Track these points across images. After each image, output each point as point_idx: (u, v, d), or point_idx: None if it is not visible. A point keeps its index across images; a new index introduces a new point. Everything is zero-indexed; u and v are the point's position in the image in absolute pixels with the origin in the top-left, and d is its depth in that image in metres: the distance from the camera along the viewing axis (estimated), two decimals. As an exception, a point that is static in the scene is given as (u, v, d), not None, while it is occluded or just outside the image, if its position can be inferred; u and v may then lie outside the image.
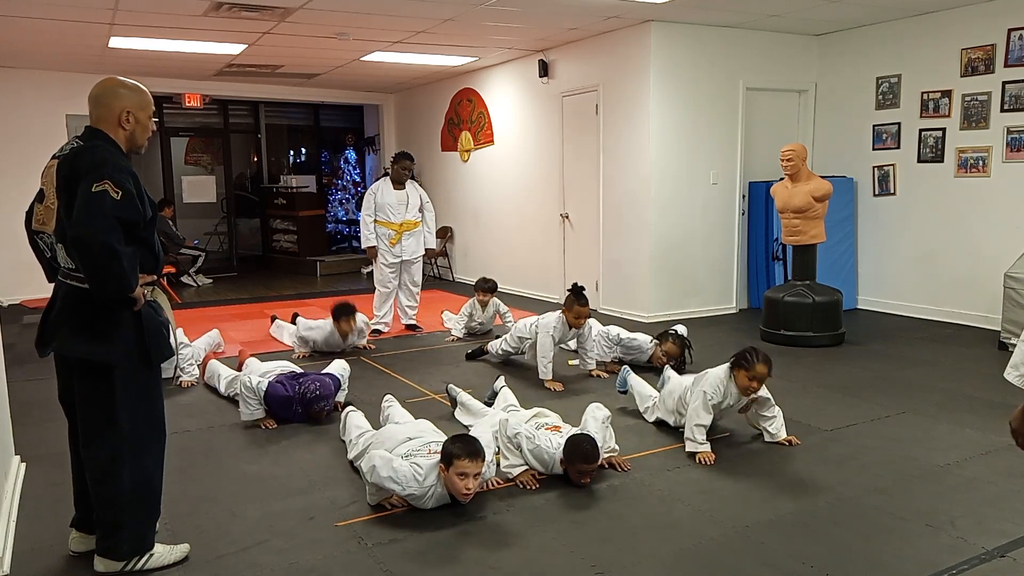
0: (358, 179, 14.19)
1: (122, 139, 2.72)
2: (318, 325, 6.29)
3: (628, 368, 4.93)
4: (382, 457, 3.35)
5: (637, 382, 4.77)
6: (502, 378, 4.82)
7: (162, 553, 2.90)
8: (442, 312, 7.51)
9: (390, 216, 7.00)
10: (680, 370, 5.21)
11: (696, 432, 3.96)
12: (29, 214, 2.87)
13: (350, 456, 3.92)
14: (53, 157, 2.72)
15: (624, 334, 5.80)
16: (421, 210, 7.15)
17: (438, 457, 3.31)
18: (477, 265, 10.56)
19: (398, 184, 7.08)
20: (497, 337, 6.14)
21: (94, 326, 2.66)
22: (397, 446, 3.53)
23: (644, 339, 5.76)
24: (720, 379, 4.00)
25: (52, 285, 2.82)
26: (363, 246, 7.16)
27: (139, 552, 2.85)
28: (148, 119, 2.78)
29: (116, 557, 2.82)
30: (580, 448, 3.57)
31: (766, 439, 4.17)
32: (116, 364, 2.69)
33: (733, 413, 4.22)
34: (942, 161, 7.17)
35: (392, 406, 4.30)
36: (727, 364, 4.03)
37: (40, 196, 2.70)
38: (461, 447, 3.26)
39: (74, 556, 2.99)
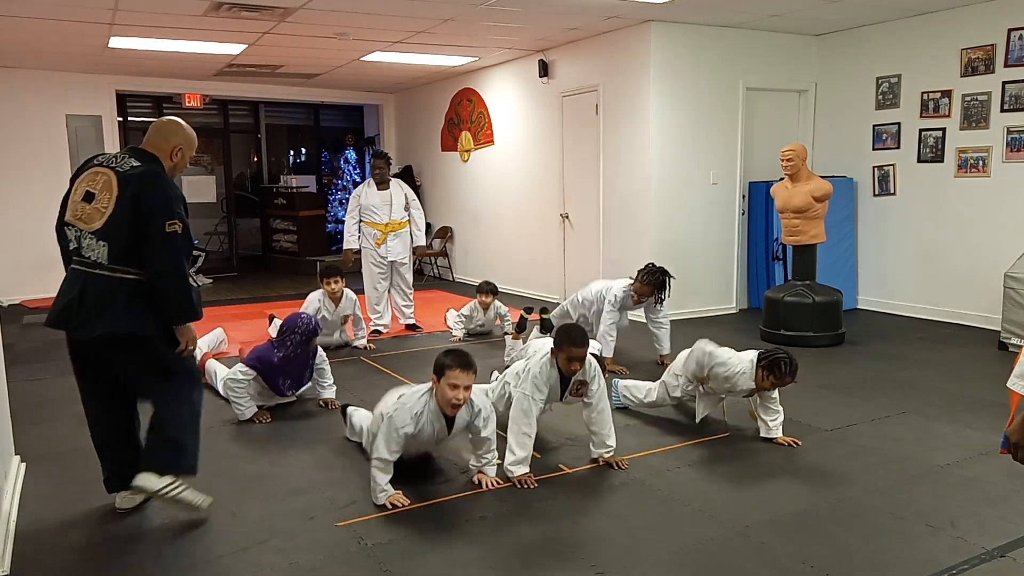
0: (358, 179, 14.18)
1: (167, 167, 3.25)
2: (308, 300, 6.29)
3: (615, 381, 4.91)
4: (377, 424, 3.52)
5: (630, 383, 4.80)
6: (496, 372, 4.83)
7: (193, 495, 3.22)
8: (447, 311, 7.50)
9: (375, 217, 7.01)
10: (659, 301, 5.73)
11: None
12: (63, 207, 3.21)
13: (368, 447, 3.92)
14: (103, 165, 3.12)
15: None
16: (407, 209, 7.14)
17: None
18: (477, 265, 10.56)
19: (382, 184, 7.08)
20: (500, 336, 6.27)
21: (133, 307, 3.07)
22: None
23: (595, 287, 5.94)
24: (735, 374, 3.99)
25: (61, 278, 3.17)
26: (344, 247, 7.17)
27: (194, 471, 3.26)
28: (190, 158, 3.36)
29: (177, 471, 3.19)
30: (569, 332, 3.65)
31: (762, 433, 4.18)
32: (157, 336, 3.13)
33: (739, 409, 4.22)
34: (942, 161, 7.17)
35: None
36: (751, 358, 4.02)
37: (88, 197, 3.07)
38: (453, 358, 3.37)
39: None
